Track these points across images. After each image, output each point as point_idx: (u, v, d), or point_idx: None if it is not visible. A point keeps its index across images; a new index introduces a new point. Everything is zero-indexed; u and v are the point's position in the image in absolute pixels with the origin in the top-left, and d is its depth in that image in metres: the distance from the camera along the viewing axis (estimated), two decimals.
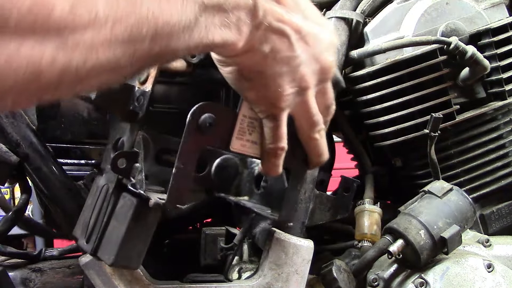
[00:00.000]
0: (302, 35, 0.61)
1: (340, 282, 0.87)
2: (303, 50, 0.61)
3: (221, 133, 0.70)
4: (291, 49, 0.60)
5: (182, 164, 0.68)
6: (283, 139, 0.67)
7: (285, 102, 0.64)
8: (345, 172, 1.01)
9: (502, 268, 0.87)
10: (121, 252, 0.71)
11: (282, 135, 0.67)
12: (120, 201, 0.72)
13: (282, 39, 0.59)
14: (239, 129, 0.71)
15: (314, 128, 0.69)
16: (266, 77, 0.62)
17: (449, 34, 0.97)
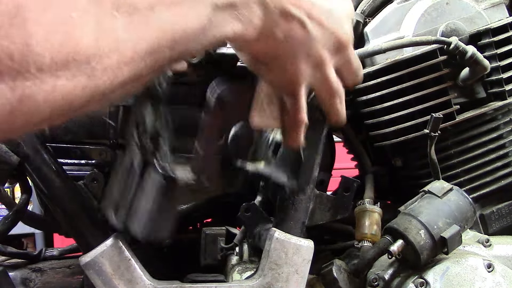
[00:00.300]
0: (315, 16, 0.61)
1: (340, 282, 0.87)
2: (318, 30, 0.62)
3: (240, 108, 0.70)
4: (305, 32, 0.61)
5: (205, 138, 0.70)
6: (303, 113, 0.68)
7: (302, 80, 0.65)
8: (345, 172, 1.01)
9: (502, 268, 0.87)
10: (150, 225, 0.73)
11: (301, 109, 0.68)
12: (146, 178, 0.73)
13: (295, 23, 0.60)
14: (258, 103, 0.71)
15: (334, 97, 0.70)
16: (282, 61, 0.63)
17: (449, 34, 0.97)
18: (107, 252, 0.81)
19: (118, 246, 0.82)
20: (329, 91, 0.69)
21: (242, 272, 0.94)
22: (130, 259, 0.81)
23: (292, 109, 0.68)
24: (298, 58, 0.63)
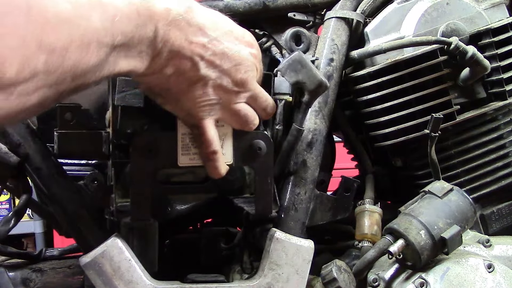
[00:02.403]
0: (207, 57, 0.66)
1: (340, 282, 0.87)
2: (210, 70, 0.67)
3: (165, 154, 0.77)
4: (194, 69, 0.66)
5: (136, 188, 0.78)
6: (211, 144, 0.73)
7: (202, 113, 0.70)
8: (345, 172, 1.01)
9: (503, 268, 0.87)
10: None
11: (209, 140, 0.73)
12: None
13: (186, 62, 0.65)
14: (182, 146, 0.77)
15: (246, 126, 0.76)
16: (174, 93, 0.68)
17: (449, 34, 0.97)
18: (107, 253, 0.81)
19: (118, 246, 0.81)
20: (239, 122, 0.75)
21: (242, 273, 0.93)
22: (130, 259, 0.81)
23: (200, 140, 0.74)
24: (192, 93, 0.68)
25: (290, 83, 0.81)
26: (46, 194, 0.90)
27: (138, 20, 0.59)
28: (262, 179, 0.83)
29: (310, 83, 0.82)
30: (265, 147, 0.81)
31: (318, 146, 0.93)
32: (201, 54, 0.66)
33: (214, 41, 0.67)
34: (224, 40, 0.68)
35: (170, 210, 0.91)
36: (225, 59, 0.68)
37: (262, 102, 0.76)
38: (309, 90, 0.82)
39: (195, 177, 0.91)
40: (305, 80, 0.81)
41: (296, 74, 0.81)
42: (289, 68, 0.81)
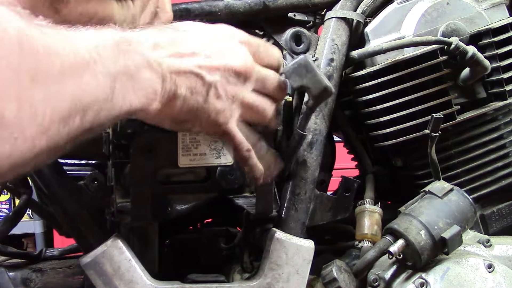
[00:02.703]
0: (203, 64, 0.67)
1: (340, 282, 0.87)
2: (213, 74, 0.67)
3: (165, 155, 0.77)
4: (203, 82, 0.67)
5: (137, 189, 0.78)
6: (243, 145, 0.73)
7: (224, 119, 0.70)
8: (345, 172, 1.01)
9: (503, 269, 0.87)
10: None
11: (240, 142, 0.73)
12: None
13: (193, 78, 0.66)
14: (183, 146, 0.78)
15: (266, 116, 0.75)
16: (198, 112, 0.68)
17: (449, 34, 0.97)
18: (107, 253, 0.81)
19: (118, 246, 0.82)
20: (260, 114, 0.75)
21: (243, 272, 0.93)
22: (130, 259, 0.81)
23: (232, 145, 0.74)
24: (209, 104, 0.68)
25: (294, 87, 0.80)
26: (46, 194, 0.90)
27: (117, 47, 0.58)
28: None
29: (315, 89, 0.79)
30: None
31: (318, 146, 0.93)
32: (198, 63, 0.66)
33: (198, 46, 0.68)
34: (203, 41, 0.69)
35: (170, 210, 0.91)
36: (218, 55, 0.68)
37: (271, 83, 0.75)
38: (313, 95, 0.80)
39: (195, 177, 0.91)
40: (310, 85, 0.79)
41: (300, 78, 0.79)
42: (294, 72, 0.79)
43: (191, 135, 0.78)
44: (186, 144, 0.78)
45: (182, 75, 0.65)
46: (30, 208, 1.04)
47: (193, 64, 0.66)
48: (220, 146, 0.80)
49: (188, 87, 0.65)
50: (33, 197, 1.01)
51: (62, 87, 0.49)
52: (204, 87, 0.67)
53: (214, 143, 0.80)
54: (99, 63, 0.54)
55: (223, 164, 0.81)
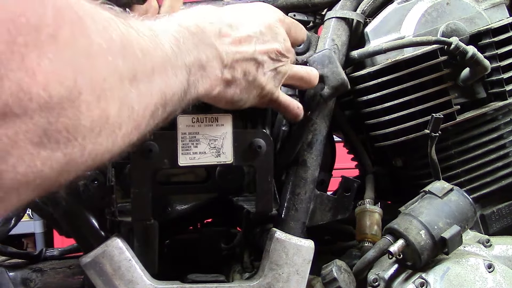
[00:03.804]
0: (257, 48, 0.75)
1: (340, 282, 0.87)
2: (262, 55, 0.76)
3: (165, 154, 0.78)
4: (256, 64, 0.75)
5: (137, 189, 0.78)
6: (291, 104, 0.84)
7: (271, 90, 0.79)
8: (345, 172, 1.01)
9: (503, 268, 0.87)
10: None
11: (287, 103, 0.83)
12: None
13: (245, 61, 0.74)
14: (182, 145, 0.79)
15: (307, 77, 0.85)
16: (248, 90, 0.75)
17: (449, 34, 0.97)
18: (107, 253, 0.81)
19: (118, 246, 0.82)
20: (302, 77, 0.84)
21: (243, 272, 0.93)
22: (130, 259, 0.81)
23: (283, 110, 0.84)
24: (258, 81, 0.76)
25: None
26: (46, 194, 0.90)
27: (193, 38, 0.64)
28: (262, 178, 0.83)
29: (333, 79, 0.87)
30: (265, 146, 0.81)
31: (318, 146, 0.93)
32: (253, 48, 0.74)
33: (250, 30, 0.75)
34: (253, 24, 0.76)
35: (170, 210, 0.91)
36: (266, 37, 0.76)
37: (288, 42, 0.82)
38: (331, 85, 0.87)
39: (195, 177, 0.91)
40: (329, 75, 0.87)
41: (322, 67, 0.87)
42: (317, 60, 0.87)
43: (190, 134, 0.78)
44: (186, 143, 0.78)
45: (240, 61, 0.73)
46: (30, 208, 1.04)
47: (250, 50, 0.74)
48: (219, 144, 0.80)
49: (243, 70, 0.73)
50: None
51: (152, 85, 0.54)
52: (254, 67, 0.75)
53: (214, 142, 0.80)
54: (179, 57, 0.59)
55: (223, 163, 0.81)
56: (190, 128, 0.79)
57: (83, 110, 0.43)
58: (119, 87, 0.48)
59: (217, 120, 0.79)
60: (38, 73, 0.39)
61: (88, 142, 0.45)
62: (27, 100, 0.39)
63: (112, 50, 0.47)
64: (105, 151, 0.48)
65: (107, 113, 0.46)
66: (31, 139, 0.40)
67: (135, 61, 0.51)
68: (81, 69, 0.43)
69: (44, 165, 0.42)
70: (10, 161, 0.39)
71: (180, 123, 0.78)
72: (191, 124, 0.79)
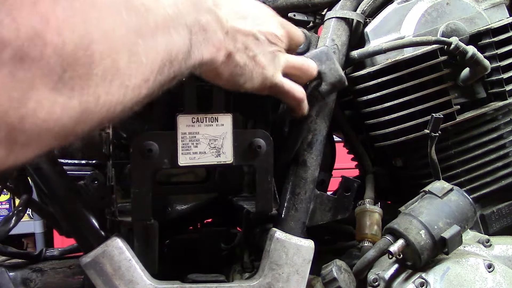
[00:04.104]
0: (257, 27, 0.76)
1: (340, 282, 0.87)
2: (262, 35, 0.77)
3: (165, 154, 0.78)
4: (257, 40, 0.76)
5: (137, 189, 0.78)
6: (294, 88, 0.83)
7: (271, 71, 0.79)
8: (345, 172, 1.01)
9: (503, 268, 0.87)
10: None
11: (290, 88, 0.82)
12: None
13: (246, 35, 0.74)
14: (182, 145, 0.79)
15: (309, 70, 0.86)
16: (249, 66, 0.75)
17: (449, 34, 0.97)
18: (107, 253, 0.81)
19: (118, 246, 0.82)
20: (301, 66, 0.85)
21: (243, 272, 0.93)
22: (130, 259, 0.81)
23: (285, 96, 0.83)
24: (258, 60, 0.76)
25: None
26: (46, 194, 0.90)
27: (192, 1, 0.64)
28: (262, 177, 0.83)
29: (331, 76, 0.87)
30: (264, 145, 0.81)
31: (318, 146, 0.93)
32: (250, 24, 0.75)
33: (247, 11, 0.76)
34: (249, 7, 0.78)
35: (170, 210, 0.91)
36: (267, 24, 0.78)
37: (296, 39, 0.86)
38: (329, 82, 0.87)
39: (195, 177, 0.91)
40: (327, 71, 0.87)
41: (320, 63, 0.87)
42: (315, 56, 0.87)
43: (190, 134, 0.78)
44: (186, 143, 0.79)
45: (240, 33, 0.73)
46: (30, 208, 1.04)
47: (248, 25, 0.75)
48: (219, 144, 0.80)
49: (243, 43, 0.74)
50: (33, 197, 1.01)
51: (156, 40, 0.55)
52: (254, 44, 0.75)
53: (214, 142, 0.80)
54: (179, 17, 0.60)
55: (223, 163, 0.81)
56: (190, 128, 0.79)
57: (95, 58, 0.45)
58: (127, 38, 0.50)
59: (217, 120, 0.80)
60: (52, 20, 0.41)
61: (101, 91, 0.47)
62: (42, 45, 0.40)
63: (116, 3, 0.49)
64: (117, 102, 0.50)
65: (118, 63, 0.48)
66: (48, 84, 0.42)
67: (139, 16, 0.52)
68: (90, 18, 0.45)
69: (62, 112, 0.43)
70: (30, 105, 0.41)
71: (180, 123, 0.78)
72: (191, 124, 0.79)
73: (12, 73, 0.39)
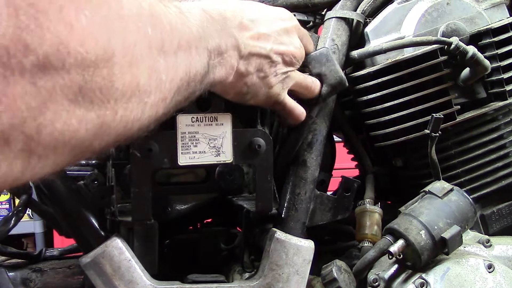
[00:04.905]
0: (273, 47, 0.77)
1: (340, 282, 0.87)
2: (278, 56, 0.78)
3: (165, 154, 0.78)
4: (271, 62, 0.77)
5: (137, 189, 0.78)
6: (295, 108, 0.85)
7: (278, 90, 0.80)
8: (345, 172, 1.01)
9: (503, 269, 0.87)
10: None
11: (292, 107, 0.85)
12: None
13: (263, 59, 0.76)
14: (182, 145, 0.79)
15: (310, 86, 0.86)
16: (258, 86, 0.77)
17: (449, 34, 0.97)
18: (107, 253, 0.81)
19: (118, 246, 0.82)
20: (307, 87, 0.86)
21: (243, 272, 0.93)
22: (130, 259, 0.81)
23: (285, 114, 0.85)
24: (269, 80, 0.78)
25: (313, 73, 0.86)
26: (46, 194, 0.90)
27: (215, 25, 0.66)
28: (262, 177, 0.83)
29: (331, 77, 0.87)
30: (264, 145, 0.81)
31: (318, 146, 0.93)
32: (270, 46, 0.76)
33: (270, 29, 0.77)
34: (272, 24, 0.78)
35: (170, 210, 0.91)
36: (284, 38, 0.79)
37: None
38: (329, 83, 0.87)
39: (194, 177, 0.91)
40: (327, 73, 0.87)
41: (320, 66, 0.87)
42: (315, 59, 0.87)
43: (190, 133, 0.78)
44: (186, 142, 0.78)
45: (256, 56, 0.75)
46: (30, 208, 1.04)
47: (267, 48, 0.76)
48: (219, 144, 0.80)
49: (257, 65, 0.75)
50: (33, 197, 1.01)
51: (177, 59, 0.55)
52: (268, 65, 0.77)
53: (213, 141, 0.80)
54: (202, 39, 0.61)
55: (223, 162, 0.81)
56: (190, 127, 0.79)
57: (116, 72, 0.44)
58: (148, 54, 0.49)
59: (216, 119, 0.80)
60: (76, 28, 0.40)
61: (119, 107, 0.46)
62: (66, 54, 0.39)
63: (142, 17, 0.49)
64: (135, 119, 0.49)
65: (138, 79, 0.47)
66: (67, 95, 0.41)
67: (163, 32, 0.52)
68: (114, 30, 0.44)
69: (80, 124, 0.43)
70: (48, 116, 0.40)
71: (180, 123, 0.78)
72: (191, 123, 0.79)
73: (33, 81, 0.38)
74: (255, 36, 0.75)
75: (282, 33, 0.79)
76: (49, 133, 0.40)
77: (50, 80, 0.39)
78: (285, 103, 0.84)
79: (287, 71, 0.81)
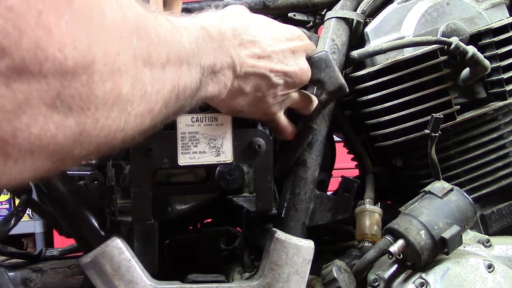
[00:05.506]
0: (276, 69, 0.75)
1: (340, 282, 0.87)
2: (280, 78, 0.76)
3: (165, 154, 0.78)
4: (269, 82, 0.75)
5: (137, 188, 0.79)
6: (286, 130, 0.86)
7: (274, 110, 0.80)
8: (345, 172, 1.01)
9: (503, 269, 0.87)
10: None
11: (285, 127, 0.86)
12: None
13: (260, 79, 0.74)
14: (182, 145, 0.79)
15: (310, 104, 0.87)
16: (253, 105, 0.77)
17: (449, 34, 0.97)
18: (107, 253, 0.81)
19: (118, 246, 0.82)
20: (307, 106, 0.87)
21: (243, 272, 0.93)
22: (130, 259, 0.81)
23: (276, 130, 0.86)
24: (267, 99, 0.77)
25: (311, 80, 0.83)
26: (46, 194, 0.90)
27: (212, 42, 0.65)
28: (262, 177, 0.83)
29: (331, 84, 0.83)
30: (264, 145, 0.81)
31: (318, 146, 0.93)
32: (271, 67, 0.74)
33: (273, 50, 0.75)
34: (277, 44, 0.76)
35: (170, 210, 0.91)
36: (289, 60, 0.77)
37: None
38: (328, 90, 0.84)
39: (194, 177, 0.91)
40: (326, 79, 0.83)
41: (319, 72, 0.83)
42: (314, 64, 0.83)
43: (190, 133, 0.78)
44: (186, 142, 0.79)
45: (254, 76, 0.73)
46: (30, 208, 1.04)
47: (267, 68, 0.74)
48: (219, 144, 0.80)
49: (254, 85, 0.74)
50: (33, 197, 1.01)
51: (165, 73, 0.54)
52: (267, 86, 0.76)
53: (213, 141, 0.80)
54: (196, 56, 0.60)
55: (223, 162, 0.81)
56: (190, 127, 0.79)
57: (96, 79, 0.43)
58: (133, 64, 0.48)
59: (216, 119, 0.80)
60: (55, 34, 0.39)
61: (100, 115, 0.45)
62: (43, 59, 0.39)
63: (126, 27, 0.48)
64: (118, 129, 0.48)
65: (120, 88, 0.46)
66: (45, 100, 0.40)
67: (150, 44, 0.51)
68: (95, 38, 0.43)
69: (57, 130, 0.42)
70: (24, 120, 0.39)
71: (180, 123, 0.78)
72: (191, 123, 0.79)
73: (7, 84, 0.37)
74: (255, 56, 0.73)
75: (287, 53, 0.77)
76: (25, 137, 0.40)
77: (26, 84, 0.38)
78: (279, 122, 0.84)
79: (288, 92, 0.79)
